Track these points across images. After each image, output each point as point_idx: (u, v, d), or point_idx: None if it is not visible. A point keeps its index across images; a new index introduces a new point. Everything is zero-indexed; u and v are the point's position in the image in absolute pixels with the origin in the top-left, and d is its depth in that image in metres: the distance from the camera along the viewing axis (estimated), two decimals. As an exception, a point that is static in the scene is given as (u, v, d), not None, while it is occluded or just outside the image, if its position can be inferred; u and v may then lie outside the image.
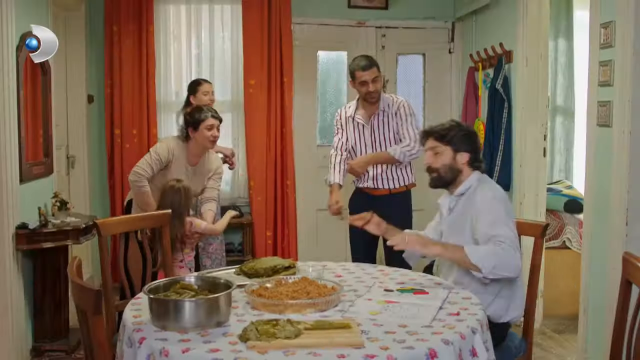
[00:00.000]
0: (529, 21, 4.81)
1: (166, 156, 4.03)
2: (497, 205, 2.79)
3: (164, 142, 4.15)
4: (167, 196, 3.80)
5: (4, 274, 3.76)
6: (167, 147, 4.06)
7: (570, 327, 4.69)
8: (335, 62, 6.24)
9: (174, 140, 4.17)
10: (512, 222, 2.81)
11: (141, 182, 3.98)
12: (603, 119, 3.71)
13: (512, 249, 2.64)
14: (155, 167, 4.01)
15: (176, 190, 3.83)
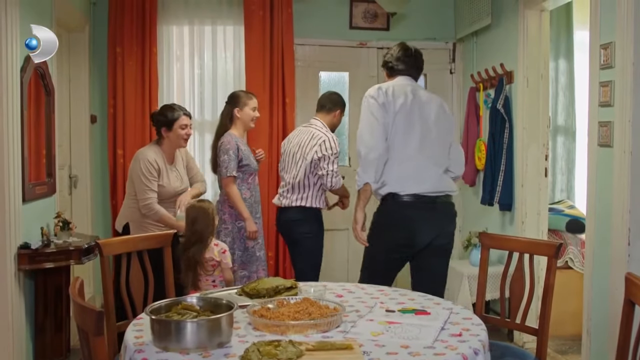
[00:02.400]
0: (530, 42, 4.85)
1: (155, 169, 4.19)
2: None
3: (142, 160, 4.18)
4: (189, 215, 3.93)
5: (5, 294, 3.75)
6: (149, 161, 4.17)
7: (574, 348, 4.67)
8: (336, 83, 6.27)
9: (147, 150, 4.28)
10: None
11: (155, 209, 4.17)
12: (604, 139, 3.72)
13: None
14: (154, 185, 4.16)
15: (197, 209, 3.94)
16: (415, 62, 3.80)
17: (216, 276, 3.96)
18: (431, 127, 3.59)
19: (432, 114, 3.62)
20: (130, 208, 4.28)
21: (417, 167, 3.53)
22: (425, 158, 3.55)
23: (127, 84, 5.61)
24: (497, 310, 5.18)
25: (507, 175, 5.05)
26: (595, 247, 3.85)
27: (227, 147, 4.49)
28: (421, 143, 3.56)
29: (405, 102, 3.57)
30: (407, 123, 3.55)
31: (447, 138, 3.67)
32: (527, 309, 3.13)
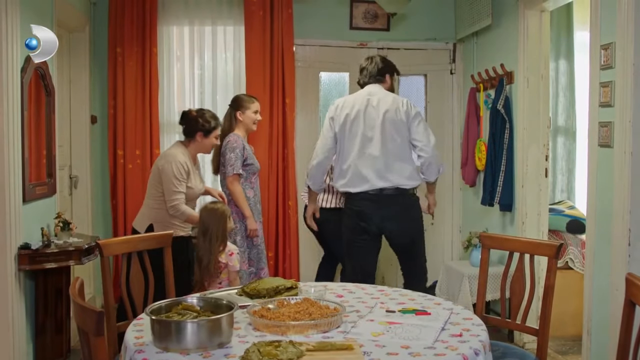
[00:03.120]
0: (530, 42, 4.85)
1: (185, 171, 4.22)
2: None
3: (174, 162, 4.18)
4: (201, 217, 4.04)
5: (5, 294, 3.76)
6: (180, 163, 4.19)
7: (574, 349, 4.67)
8: (337, 83, 6.27)
9: (176, 151, 4.28)
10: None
11: (181, 209, 4.19)
12: (604, 140, 3.72)
13: None
14: (183, 187, 4.21)
15: (210, 210, 4.05)
16: (373, 68, 4.27)
17: (223, 278, 3.97)
18: (375, 130, 4.08)
19: (378, 117, 4.09)
20: (155, 209, 4.24)
21: (355, 172, 4.10)
22: (366, 161, 4.08)
23: (127, 85, 5.61)
24: (497, 311, 5.18)
25: (507, 175, 5.05)
26: (595, 247, 3.85)
27: (234, 146, 4.55)
28: (362, 147, 4.09)
29: (350, 112, 4.13)
30: (350, 131, 4.13)
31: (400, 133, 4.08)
32: (528, 309, 3.13)
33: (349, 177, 4.13)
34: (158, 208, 4.24)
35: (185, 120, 4.36)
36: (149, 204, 4.29)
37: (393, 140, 4.08)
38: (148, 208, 4.29)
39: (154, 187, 4.26)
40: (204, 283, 3.98)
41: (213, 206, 4.11)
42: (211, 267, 3.93)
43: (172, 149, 4.36)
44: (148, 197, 4.32)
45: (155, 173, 4.26)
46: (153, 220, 4.23)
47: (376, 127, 4.08)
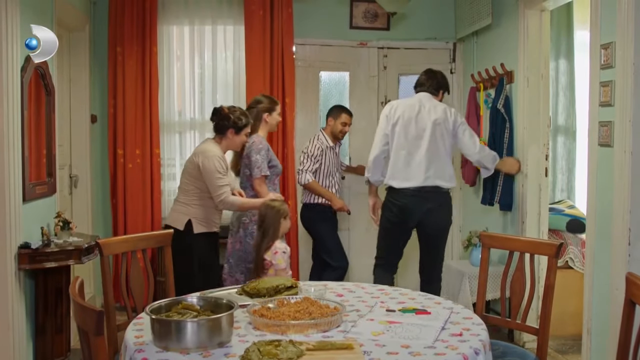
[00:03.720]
0: (530, 41, 4.85)
1: (226, 165, 4.24)
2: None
3: (215, 157, 4.14)
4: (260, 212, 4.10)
5: (5, 294, 3.75)
6: (220, 157, 4.19)
7: (574, 348, 4.67)
8: (337, 83, 6.28)
9: (213, 147, 4.25)
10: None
11: (231, 200, 4.19)
12: (604, 139, 3.72)
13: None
14: (227, 180, 4.21)
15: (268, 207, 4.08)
16: (433, 83, 4.73)
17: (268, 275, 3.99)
18: (424, 134, 4.51)
19: (428, 123, 4.52)
20: (195, 206, 4.20)
21: (400, 169, 4.55)
22: (412, 160, 4.52)
23: (127, 84, 5.61)
24: (497, 310, 5.17)
25: (507, 175, 5.05)
26: (595, 247, 3.85)
27: (260, 147, 4.52)
28: (409, 148, 4.53)
29: (403, 114, 4.56)
30: (401, 132, 4.55)
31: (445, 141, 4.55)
32: (528, 308, 3.14)
33: (393, 172, 4.57)
34: (198, 205, 4.19)
35: (217, 116, 4.29)
36: (186, 201, 4.21)
37: (438, 145, 4.52)
38: (185, 205, 4.21)
39: (191, 184, 4.19)
40: (259, 275, 4.00)
41: (272, 203, 4.11)
42: (258, 262, 3.97)
43: (206, 145, 4.29)
44: (184, 195, 4.24)
45: (191, 170, 4.19)
46: (192, 216, 4.18)
47: (425, 132, 4.52)
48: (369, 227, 6.16)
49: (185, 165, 4.29)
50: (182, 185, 4.30)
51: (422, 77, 4.82)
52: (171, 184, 5.95)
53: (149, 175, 5.68)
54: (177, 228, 4.12)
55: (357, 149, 6.16)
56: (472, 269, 5.13)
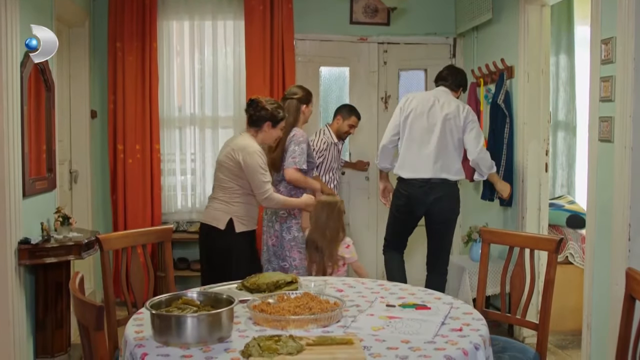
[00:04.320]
0: (530, 37, 4.84)
1: (265, 160, 4.07)
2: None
3: (257, 152, 3.97)
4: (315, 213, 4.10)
5: (6, 289, 3.76)
6: (261, 153, 4.02)
7: (574, 343, 4.68)
8: (337, 78, 6.27)
9: (251, 141, 4.05)
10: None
11: (276, 198, 4.05)
12: (605, 134, 3.72)
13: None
14: (269, 176, 4.05)
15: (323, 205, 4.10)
16: (454, 78, 4.82)
17: (340, 272, 4.06)
18: (435, 128, 4.57)
19: (440, 117, 4.58)
20: (236, 204, 4.00)
21: (409, 160, 4.64)
22: (421, 152, 4.59)
23: (127, 79, 5.61)
24: (497, 306, 5.18)
25: (507, 170, 5.05)
26: (595, 242, 3.85)
27: (300, 140, 4.39)
28: (420, 140, 4.60)
29: (416, 107, 4.64)
30: (413, 124, 4.64)
31: (454, 136, 4.60)
32: (528, 304, 3.14)
33: (403, 163, 4.68)
34: (240, 202, 4.01)
35: (254, 108, 4.08)
36: (226, 199, 4.01)
37: (447, 140, 4.59)
38: (225, 203, 4.00)
39: (232, 182, 3.99)
40: (326, 271, 4.03)
41: (328, 199, 4.11)
42: (335, 256, 4.00)
43: (244, 140, 4.05)
44: (223, 192, 4.02)
45: (231, 167, 3.98)
46: (233, 214, 3.99)
47: (436, 126, 4.58)
48: (370, 223, 6.18)
49: (222, 162, 4.04)
50: (219, 182, 4.06)
51: (444, 71, 4.88)
52: (171, 179, 5.96)
53: (149, 170, 5.68)
54: (218, 227, 3.98)
55: (357, 144, 6.16)
56: (472, 264, 5.13)
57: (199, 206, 5.98)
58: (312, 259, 4.07)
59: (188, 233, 5.80)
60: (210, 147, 5.98)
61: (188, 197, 6.01)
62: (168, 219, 5.88)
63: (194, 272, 5.74)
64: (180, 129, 5.98)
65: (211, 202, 4.09)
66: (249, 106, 4.11)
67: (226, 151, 4.04)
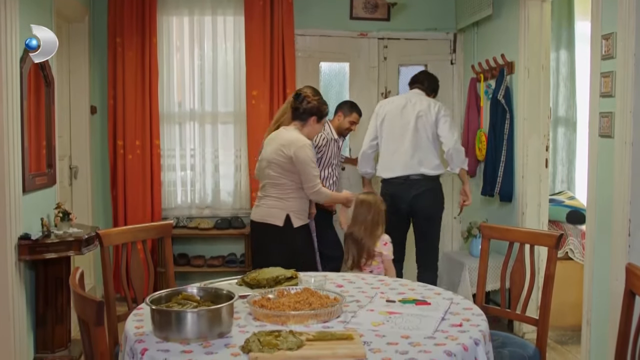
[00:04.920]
0: (531, 32, 4.83)
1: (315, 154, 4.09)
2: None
3: (308, 146, 3.96)
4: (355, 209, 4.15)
5: (6, 285, 3.76)
6: (311, 146, 4.02)
7: (573, 339, 4.68)
8: (337, 73, 6.26)
9: (299, 134, 4.03)
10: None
11: (325, 192, 4.06)
12: (605, 130, 3.71)
13: None
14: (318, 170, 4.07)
15: (359, 203, 4.13)
16: (429, 82, 5.02)
17: (374, 267, 4.07)
18: (409, 127, 4.74)
19: (413, 116, 4.75)
20: (291, 199, 3.99)
21: (388, 160, 4.81)
22: (398, 151, 4.76)
23: (127, 75, 5.60)
24: (497, 302, 5.18)
25: (507, 166, 5.05)
26: (595, 238, 3.85)
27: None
28: (396, 140, 4.78)
29: (390, 110, 4.83)
30: (388, 126, 4.82)
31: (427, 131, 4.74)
32: (528, 299, 3.14)
33: (382, 164, 4.85)
34: (294, 197, 3.99)
35: (300, 101, 4.06)
36: (281, 195, 3.99)
37: (421, 135, 4.74)
38: (280, 200, 3.99)
39: (285, 178, 3.96)
40: (360, 264, 4.07)
41: (368, 198, 4.16)
42: (372, 251, 4.04)
43: (291, 133, 4.02)
44: (277, 189, 3.99)
45: (283, 163, 3.94)
46: (290, 210, 3.98)
47: (409, 124, 4.75)
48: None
49: (271, 159, 3.97)
50: (270, 179, 4.01)
51: (420, 75, 5.11)
52: (171, 175, 5.96)
53: (149, 166, 5.68)
54: (275, 224, 3.96)
55: (357, 140, 6.13)
56: (472, 259, 5.13)
57: (199, 202, 5.99)
58: (348, 252, 4.12)
59: (188, 229, 5.80)
60: (210, 142, 5.98)
61: (188, 192, 6.01)
62: (168, 214, 5.88)
63: (194, 268, 5.75)
64: (180, 125, 5.97)
65: (263, 200, 4.05)
66: (295, 99, 4.09)
67: (274, 147, 3.99)
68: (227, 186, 6.04)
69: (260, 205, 4.07)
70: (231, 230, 5.79)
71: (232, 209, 5.99)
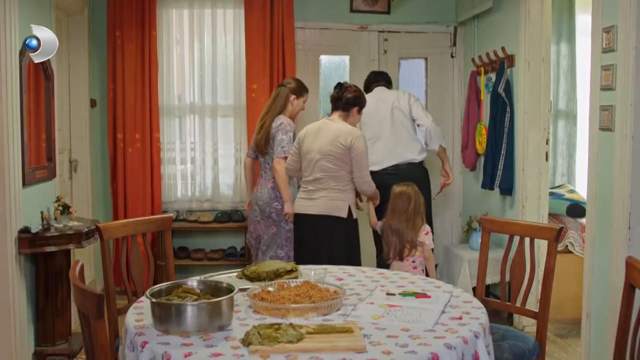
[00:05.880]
0: (531, 25, 4.82)
1: None
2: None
3: (361, 135, 4.07)
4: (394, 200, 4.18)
5: (6, 278, 3.76)
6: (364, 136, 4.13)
7: (573, 332, 4.69)
8: (337, 67, 6.25)
9: (349, 125, 4.13)
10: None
11: (372, 182, 4.16)
12: (605, 123, 3.71)
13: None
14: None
15: (398, 194, 4.16)
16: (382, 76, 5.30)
17: (417, 257, 4.12)
18: (386, 120, 4.94)
19: (387, 110, 4.95)
20: (349, 191, 4.08)
21: (377, 153, 4.88)
22: (382, 144, 4.92)
23: (126, 68, 5.59)
24: (497, 295, 5.19)
25: (507, 159, 5.04)
26: (595, 231, 3.85)
27: (288, 129, 4.52)
28: (378, 134, 4.94)
29: (366, 111, 4.63)
30: (369, 123, 4.94)
31: (403, 119, 4.95)
32: (527, 292, 3.14)
33: (371, 159, 4.67)
34: (350, 189, 4.09)
35: (345, 92, 4.12)
36: (341, 187, 4.04)
37: (401, 126, 4.93)
38: (342, 192, 4.04)
39: (342, 170, 4.02)
40: (402, 255, 4.11)
41: (403, 188, 4.19)
42: (415, 241, 4.10)
43: (342, 124, 4.08)
44: (337, 181, 4.03)
45: (341, 155, 3.98)
46: (350, 202, 4.06)
47: (386, 117, 4.92)
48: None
49: (328, 151, 3.99)
50: (328, 172, 4.02)
51: (372, 75, 5.33)
52: (171, 168, 5.95)
53: (148, 159, 5.67)
54: (340, 216, 4.01)
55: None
56: (472, 253, 5.14)
57: (199, 195, 5.99)
58: (388, 243, 4.17)
59: (188, 222, 5.80)
60: (210, 136, 5.97)
61: (188, 186, 6.01)
62: (168, 207, 5.88)
63: (194, 261, 5.75)
64: (180, 118, 5.96)
65: (325, 193, 4.05)
66: (340, 90, 4.13)
67: (329, 139, 4.01)
68: (227, 179, 6.04)
69: (316, 198, 4.06)
70: (231, 223, 5.79)
71: (232, 202, 5.99)
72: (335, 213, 4.03)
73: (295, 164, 4.26)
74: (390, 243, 4.14)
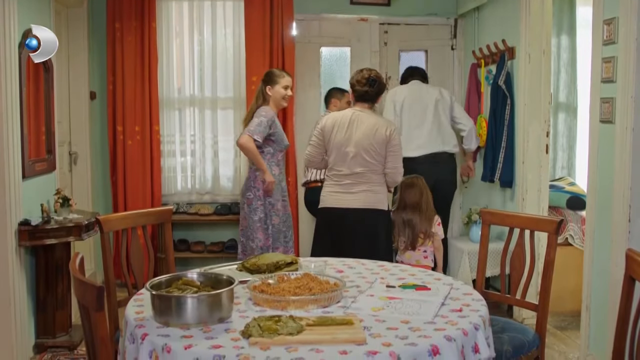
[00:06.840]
0: (532, 17, 4.80)
1: None
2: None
3: (397, 128, 4.19)
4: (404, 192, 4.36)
5: (6, 270, 3.77)
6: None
7: (573, 324, 4.70)
8: (338, 58, 6.23)
9: (380, 116, 4.23)
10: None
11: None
12: (606, 116, 3.70)
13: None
14: None
15: (409, 186, 4.33)
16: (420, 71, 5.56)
17: (428, 247, 4.29)
18: (428, 111, 5.24)
19: (430, 101, 5.26)
20: (384, 184, 4.08)
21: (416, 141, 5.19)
22: (421, 132, 5.22)
23: (126, 60, 5.58)
24: (497, 287, 5.19)
25: (508, 151, 5.04)
26: (595, 223, 3.85)
27: (263, 114, 4.59)
28: (419, 123, 5.24)
29: (407, 96, 5.26)
30: (409, 109, 5.26)
31: (446, 113, 5.30)
32: (527, 285, 3.14)
33: (408, 145, 5.07)
34: (384, 182, 4.09)
35: (375, 84, 4.04)
36: (379, 181, 4.05)
37: (441, 118, 5.27)
38: (381, 185, 4.05)
39: (380, 164, 4.02)
40: (416, 245, 4.31)
41: (416, 181, 4.34)
42: (429, 231, 4.27)
43: (373, 117, 4.06)
44: (376, 174, 4.02)
45: (379, 148, 3.97)
46: (386, 194, 4.10)
47: (429, 107, 5.24)
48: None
49: (368, 145, 3.96)
50: (368, 167, 3.99)
51: (409, 70, 5.56)
52: (171, 161, 5.95)
53: (148, 152, 5.66)
54: (384, 209, 4.04)
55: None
56: (472, 245, 5.14)
57: (199, 187, 5.99)
58: (400, 234, 4.33)
59: (188, 214, 5.80)
60: (210, 128, 5.97)
61: (188, 178, 6.00)
62: (168, 200, 5.88)
63: (194, 254, 5.76)
64: (179, 110, 5.96)
65: (367, 186, 4.01)
66: (373, 82, 4.05)
67: (368, 133, 3.97)
68: (227, 172, 6.04)
69: (356, 192, 4.01)
70: (231, 215, 5.78)
71: (232, 195, 5.99)
72: (378, 206, 4.02)
73: (318, 155, 4.16)
74: (402, 235, 4.26)
